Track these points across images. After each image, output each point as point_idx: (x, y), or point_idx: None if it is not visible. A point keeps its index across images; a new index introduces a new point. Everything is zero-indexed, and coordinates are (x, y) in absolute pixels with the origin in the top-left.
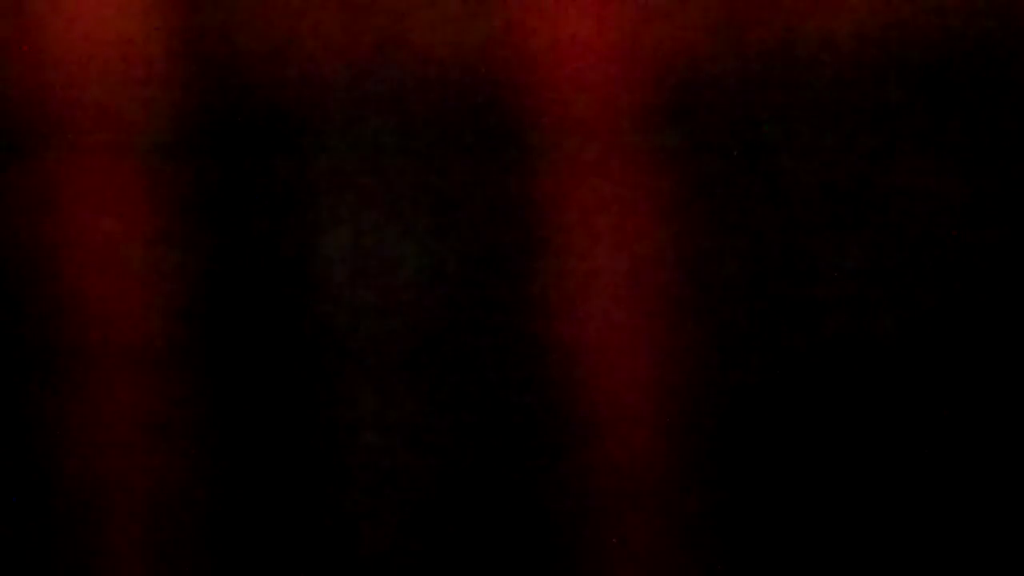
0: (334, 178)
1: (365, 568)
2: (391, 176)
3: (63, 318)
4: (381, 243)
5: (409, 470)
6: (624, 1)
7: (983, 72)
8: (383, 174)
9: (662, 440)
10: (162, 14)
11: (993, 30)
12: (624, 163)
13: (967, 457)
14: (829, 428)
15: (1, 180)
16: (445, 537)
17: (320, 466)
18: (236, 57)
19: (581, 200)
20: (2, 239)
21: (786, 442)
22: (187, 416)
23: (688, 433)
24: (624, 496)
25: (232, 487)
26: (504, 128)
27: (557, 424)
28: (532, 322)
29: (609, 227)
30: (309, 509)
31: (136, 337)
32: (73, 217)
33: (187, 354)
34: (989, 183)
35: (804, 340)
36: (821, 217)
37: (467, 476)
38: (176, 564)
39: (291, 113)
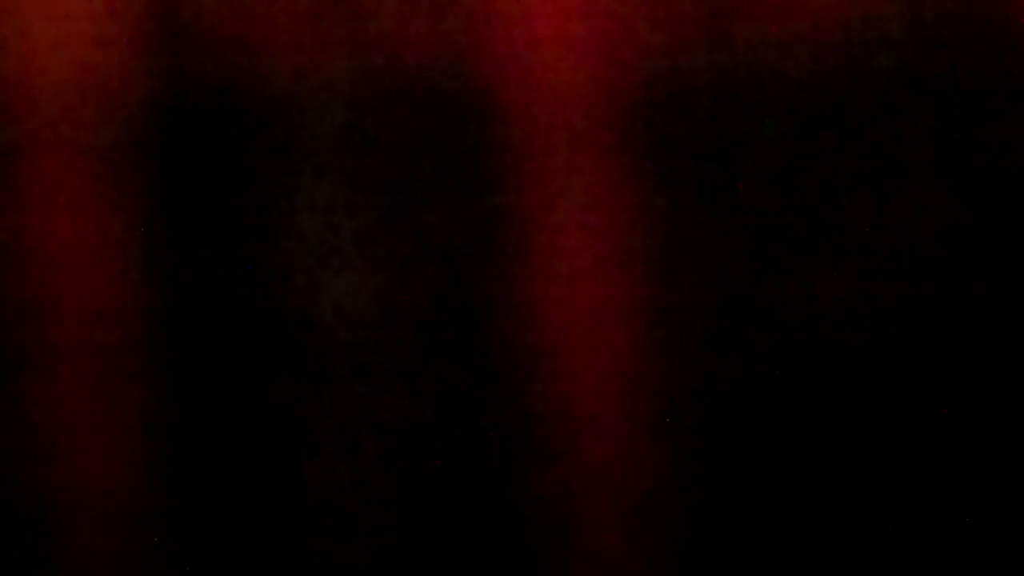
0: (305, 176)
1: (338, 568)
2: (364, 176)
3: (31, 318)
4: (353, 242)
5: (381, 467)
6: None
7: (953, 74)
8: (355, 173)
9: (639, 440)
10: (130, 13)
11: (963, 34)
12: (599, 163)
13: (936, 457)
14: (802, 428)
15: None
16: (419, 536)
17: (290, 464)
18: (206, 53)
19: (556, 199)
20: None
21: (762, 440)
22: (158, 416)
23: (665, 433)
24: (600, 496)
25: (201, 485)
26: (478, 127)
27: (530, 423)
28: (505, 321)
29: (584, 226)
30: (282, 509)
31: (105, 336)
32: (37, 217)
33: (157, 351)
34: (963, 186)
35: (779, 340)
36: (796, 217)
37: (438, 473)
38: (146, 566)
39: (261, 110)
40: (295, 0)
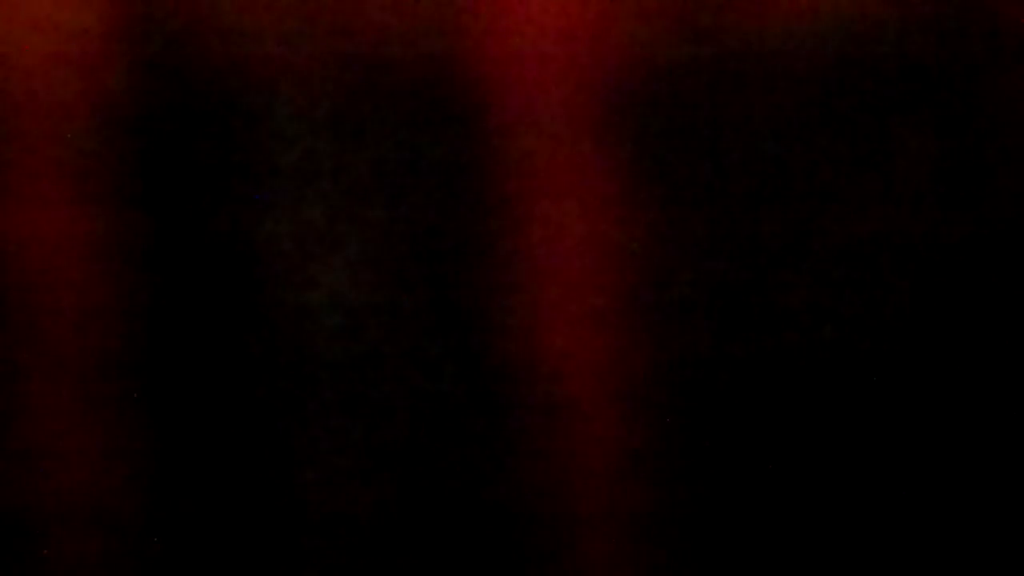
0: (294, 172)
1: (333, 567)
2: (348, 168)
3: (25, 317)
4: (344, 239)
5: (376, 466)
6: None
7: (944, 66)
8: (346, 170)
9: (623, 432)
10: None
11: (954, 27)
12: (592, 158)
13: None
14: (800, 427)
15: None
16: (413, 535)
17: (284, 462)
18: (186, 42)
19: (548, 193)
20: None
21: (747, 433)
22: (151, 414)
23: (648, 425)
24: (597, 497)
25: (194, 484)
26: (462, 115)
27: (525, 420)
28: (497, 318)
29: (567, 215)
30: (277, 507)
31: (99, 334)
32: (17, 215)
33: (149, 350)
34: (954, 178)
35: (765, 330)
36: (789, 211)
37: (423, 468)
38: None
39: (243, 98)
40: None
